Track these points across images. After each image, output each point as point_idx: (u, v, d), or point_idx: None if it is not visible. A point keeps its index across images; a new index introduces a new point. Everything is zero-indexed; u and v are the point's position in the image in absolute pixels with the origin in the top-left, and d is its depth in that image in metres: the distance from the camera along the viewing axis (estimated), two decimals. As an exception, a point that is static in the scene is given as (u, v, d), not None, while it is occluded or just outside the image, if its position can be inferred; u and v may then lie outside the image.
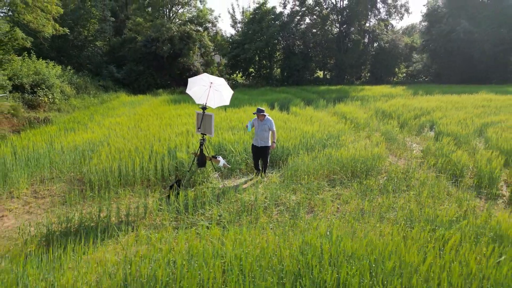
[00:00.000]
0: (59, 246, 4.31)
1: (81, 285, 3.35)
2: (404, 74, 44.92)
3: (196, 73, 35.12)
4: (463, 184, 6.84)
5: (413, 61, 44.42)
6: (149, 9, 37.10)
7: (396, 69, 41.75)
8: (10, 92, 14.95)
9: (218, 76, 7.97)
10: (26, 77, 17.28)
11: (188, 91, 6.84)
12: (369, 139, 10.17)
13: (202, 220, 5.29)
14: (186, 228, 5.00)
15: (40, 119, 13.30)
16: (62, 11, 18.06)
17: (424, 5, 50.23)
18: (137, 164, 7.19)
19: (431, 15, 38.14)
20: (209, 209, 5.64)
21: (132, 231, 5.00)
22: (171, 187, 6.34)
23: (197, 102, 6.84)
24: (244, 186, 6.88)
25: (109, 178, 6.92)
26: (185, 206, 5.67)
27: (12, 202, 6.58)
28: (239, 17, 43.39)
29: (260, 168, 7.39)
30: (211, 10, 39.55)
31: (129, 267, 3.55)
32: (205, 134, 6.70)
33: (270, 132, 7.13)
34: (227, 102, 6.86)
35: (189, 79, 6.85)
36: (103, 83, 27.04)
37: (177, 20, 34.26)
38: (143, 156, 7.69)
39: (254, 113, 7.26)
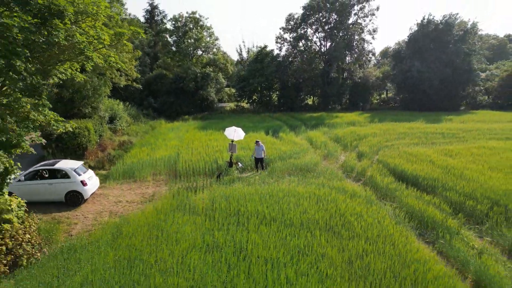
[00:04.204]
0: (184, 193, 11.90)
1: (198, 202, 10.96)
2: (378, 101, 52.93)
3: (212, 102, 43.26)
4: (350, 175, 14.40)
5: (387, 88, 52.58)
6: (173, 47, 45.32)
7: (371, 97, 49.76)
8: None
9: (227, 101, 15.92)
10: (105, 112, 25.22)
11: (225, 132, 14.64)
12: (317, 154, 17.73)
13: (234, 186, 12.88)
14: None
15: (126, 142, 21.01)
16: (139, 75, 26.25)
17: (389, 47, 59.25)
18: (201, 166, 14.88)
19: (395, 56, 46.34)
20: (235, 184, 13.21)
21: (207, 189, 12.56)
22: (218, 176, 13.97)
23: (228, 137, 14.58)
24: (250, 176, 14.48)
25: (190, 172, 14.60)
26: (225, 182, 13.25)
27: (146, 182, 14.25)
28: (245, 55, 51.98)
29: (258, 169, 15.05)
30: (225, 54, 48.09)
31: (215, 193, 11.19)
32: (233, 152, 14.38)
33: (263, 151, 14.83)
34: (242, 138, 14.62)
35: (226, 128, 14.66)
36: (145, 111, 35.05)
37: (198, 62, 42.53)
38: (202, 162, 15.36)
39: (255, 142, 14.99)
